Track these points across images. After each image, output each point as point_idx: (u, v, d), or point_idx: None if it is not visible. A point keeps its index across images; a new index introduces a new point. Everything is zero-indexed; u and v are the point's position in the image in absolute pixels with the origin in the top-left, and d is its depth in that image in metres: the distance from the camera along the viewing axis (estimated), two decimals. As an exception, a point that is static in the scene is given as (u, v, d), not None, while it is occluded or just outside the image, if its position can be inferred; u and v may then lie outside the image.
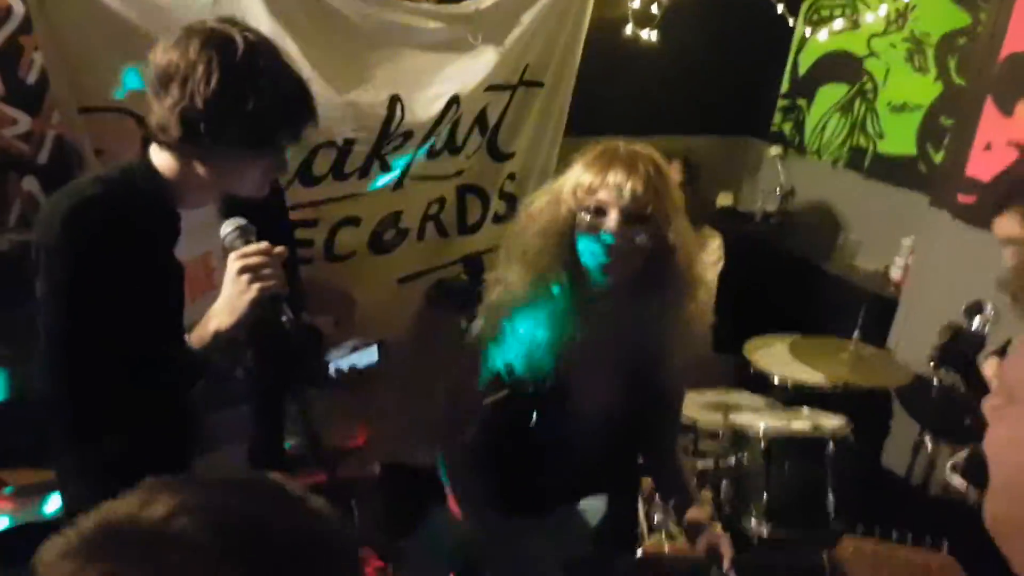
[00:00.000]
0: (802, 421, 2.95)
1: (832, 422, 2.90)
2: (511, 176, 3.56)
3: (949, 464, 2.71)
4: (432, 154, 3.24)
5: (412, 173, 3.21)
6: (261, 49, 1.52)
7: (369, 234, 3.19)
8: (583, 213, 1.66)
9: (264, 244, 1.54)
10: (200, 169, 1.56)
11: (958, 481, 2.65)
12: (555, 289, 1.72)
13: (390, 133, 3.01)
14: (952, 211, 3.54)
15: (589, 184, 1.66)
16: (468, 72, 3.17)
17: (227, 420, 1.80)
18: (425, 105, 3.09)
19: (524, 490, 1.87)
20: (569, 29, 3.44)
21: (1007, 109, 3.30)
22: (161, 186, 1.57)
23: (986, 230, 3.33)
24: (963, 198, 3.49)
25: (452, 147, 3.29)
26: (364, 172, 3.05)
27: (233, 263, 1.52)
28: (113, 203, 1.51)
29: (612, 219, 1.63)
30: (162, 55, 1.49)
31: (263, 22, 2.61)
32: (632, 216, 1.63)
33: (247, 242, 1.56)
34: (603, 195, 1.64)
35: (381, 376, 3.06)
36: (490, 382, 1.81)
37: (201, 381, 1.60)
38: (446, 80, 3.12)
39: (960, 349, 2.16)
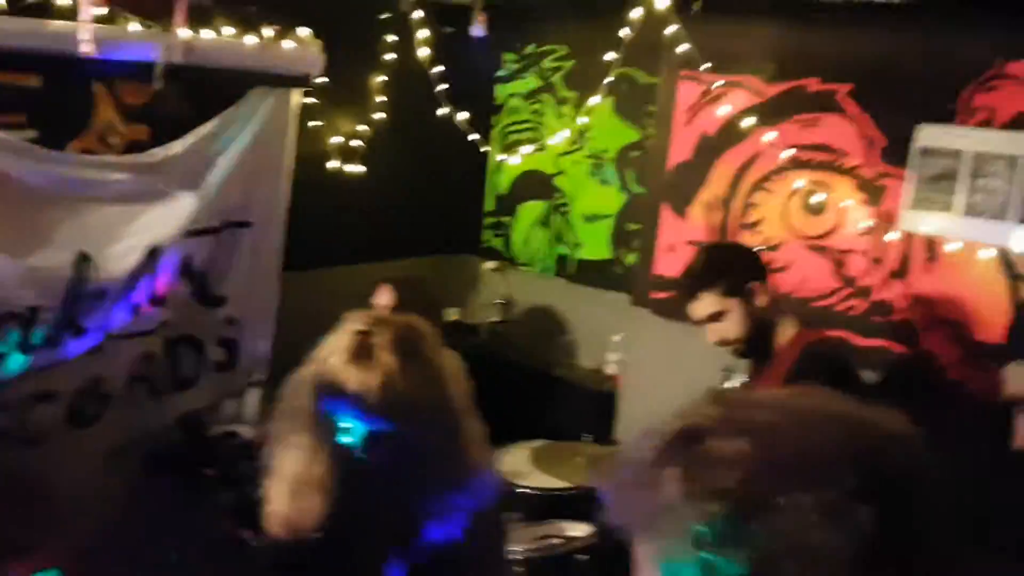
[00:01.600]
0: (551, 535, 2.98)
1: (579, 530, 2.97)
2: (229, 320, 3.39)
3: None
4: (132, 310, 3.00)
5: (112, 332, 2.94)
6: None
7: (66, 408, 2.86)
8: None
9: None
10: None
11: None
12: None
13: (81, 294, 2.76)
14: (650, 307, 3.88)
15: None
16: (165, 220, 3.02)
17: None
18: (118, 259, 2.89)
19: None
20: (271, 168, 3.40)
21: (681, 212, 3.72)
22: None
23: (681, 321, 3.73)
24: (655, 294, 3.84)
25: (155, 299, 3.07)
26: (54, 341, 2.75)
27: None
28: None
29: None
30: None
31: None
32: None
33: None
34: None
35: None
36: None
37: None
38: (140, 231, 2.95)
39: None
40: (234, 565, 2.66)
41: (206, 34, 3.03)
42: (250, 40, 3.16)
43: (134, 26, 2.82)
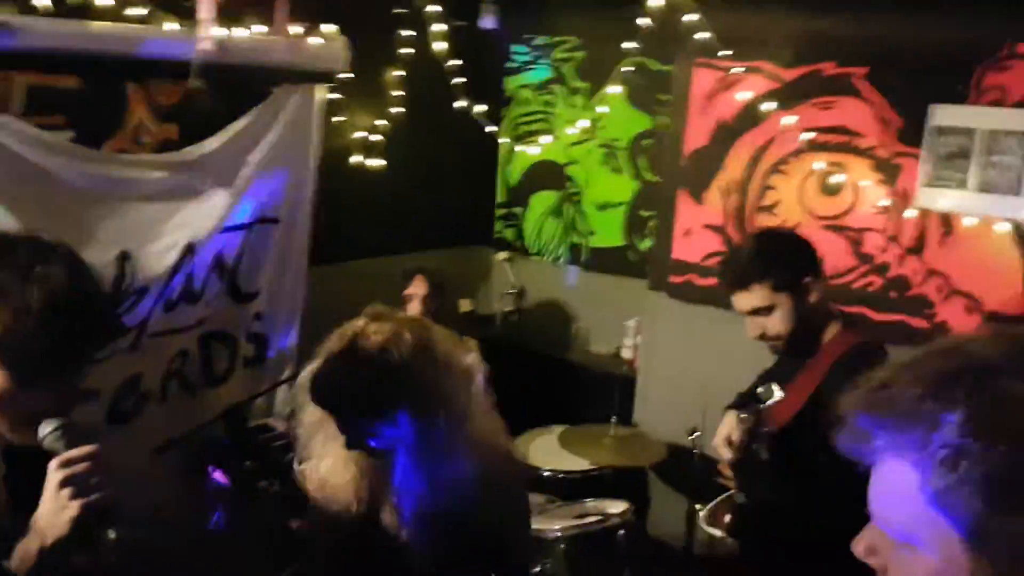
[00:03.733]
0: (589, 513, 3.05)
1: (616, 507, 3.05)
2: (257, 316, 3.43)
3: (701, 515, 2.98)
4: (169, 306, 3.04)
5: (149, 330, 2.98)
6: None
7: (108, 406, 2.89)
8: None
9: (91, 447, 1.33)
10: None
11: (713, 530, 2.92)
12: None
13: (122, 292, 2.79)
14: (668, 292, 3.95)
15: None
16: (200, 217, 3.05)
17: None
18: (158, 257, 2.92)
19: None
20: (298, 164, 3.44)
21: (698, 198, 3.79)
22: None
23: (699, 304, 3.81)
24: (674, 279, 3.92)
25: (191, 296, 3.11)
26: (97, 339, 2.78)
27: (53, 473, 1.30)
28: None
29: None
30: None
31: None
32: None
33: (70, 444, 1.33)
34: None
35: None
36: None
37: None
38: (177, 228, 2.98)
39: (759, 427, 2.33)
40: (286, 552, 2.71)
41: (236, 32, 3.06)
42: (277, 37, 3.20)
43: (169, 25, 2.85)
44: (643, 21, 3.42)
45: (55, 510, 1.29)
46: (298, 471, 1.90)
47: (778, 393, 2.18)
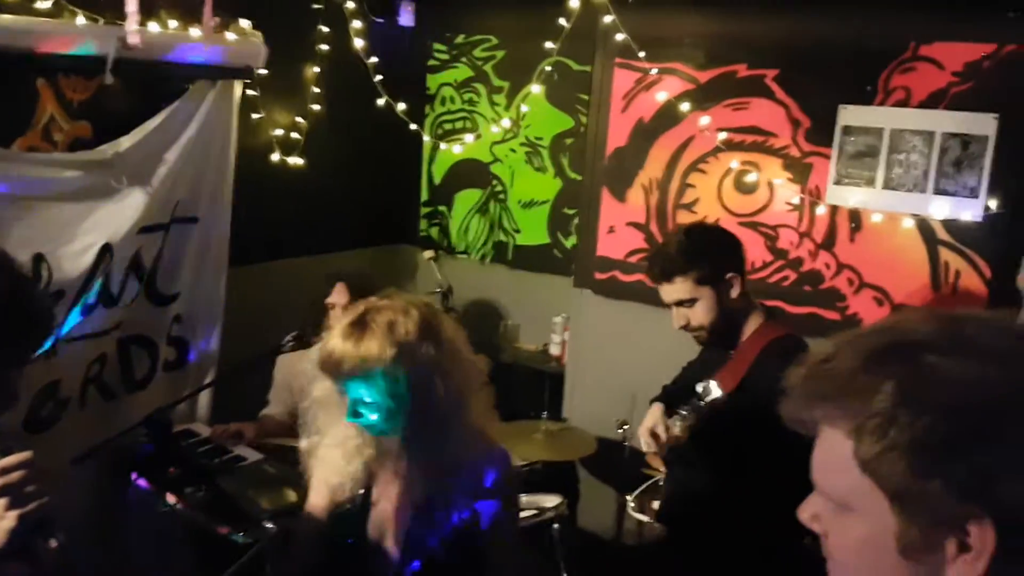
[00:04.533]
0: (524, 508, 3.08)
1: (550, 501, 3.08)
2: (177, 319, 3.34)
3: (630, 501, 3.06)
4: (87, 310, 2.93)
5: (66, 335, 2.87)
6: None
7: (25, 414, 2.77)
8: None
9: (26, 454, 1.27)
10: None
11: (641, 516, 3.00)
12: None
13: (36, 295, 2.68)
14: (593, 288, 4.02)
15: None
16: (116, 217, 2.96)
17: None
18: (73, 259, 2.82)
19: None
20: (216, 161, 3.37)
21: (620, 196, 3.87)
22: None
23: (623, 300, 3.89)
24: (599, 275, 3.99)
25: (107, 299, 3.01)
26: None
27: None
28: None
29: None
30: None
31: None
32: None
33: (4, 452, 1.27)
34: None
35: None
36: None
37: None
38: (93, 229, 2.89)
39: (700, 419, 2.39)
40: (214, 558, 2.66)
41: (151, 27, 2.97)
42: (194, 32, 3.12)
43: (80, 19, 2.76)
44: (561, 22, 3.48)
45: None
46: (302, 447, 1.89)
47: (716, 391, 2.22)
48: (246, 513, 2.63)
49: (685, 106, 3.52)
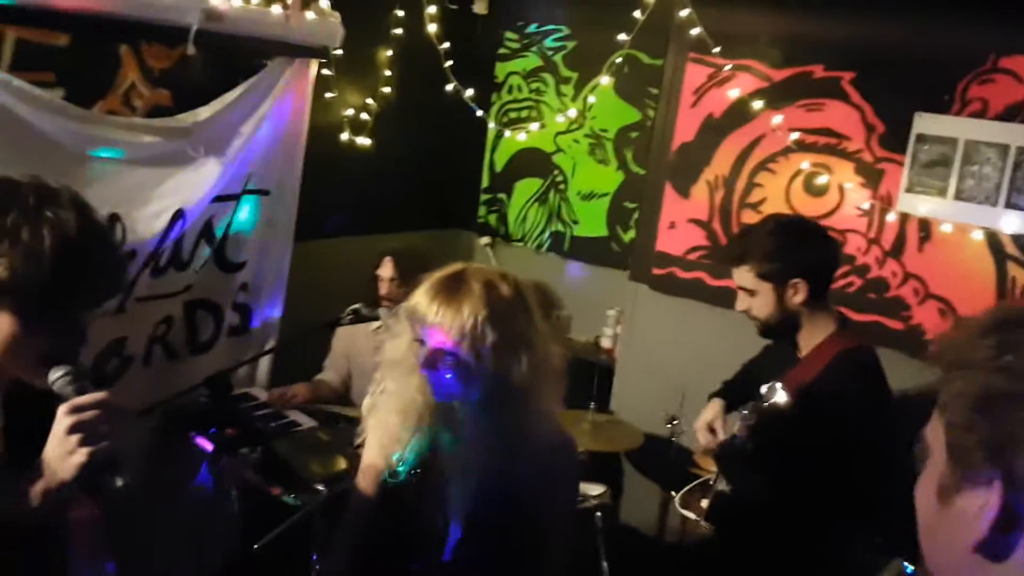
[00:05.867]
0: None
1: (595, 490, 3.09)
2: (243, 286, 3.43)
3: (677, 498, 3.03)
4: (157, 271, 3.02)
5: (136, 294, 2.97)
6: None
7: (90, 367, 2.87)
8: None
9: (101, 394, 1.32)
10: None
11: (688, 513, 2.98)
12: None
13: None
14: (649, 284, 4.01)
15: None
16: (191, 185, 3.04)
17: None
18: (147, 222, 2.91)
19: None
20: (288, 137, 3.44)
21: (684, 192, 3.84)
22: None
23: (680, 297, 3.87)
24: (657, 271, 3.97)
25: (178, 263, 3.10)
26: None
27: (63, 418, 1.29)
28: None
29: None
30: None
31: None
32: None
33: (80, 391, 1.32)
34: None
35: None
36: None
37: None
38: (168, 194, 2.97)
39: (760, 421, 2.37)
40: (264, 517, 2.73)
41: (235, 1, 3.04)
42: (276, 9, 3.19)
43: (167, -12, 2.84)
44: (636, 14, 3.46)
45: (62, 455, 1.28)
46: (364, 405, 1.90)
47: (781, 394, 2.19)
48: (298, 476, 2.69)
49: (757, 104, 3.48)
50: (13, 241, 1.30)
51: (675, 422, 3.21)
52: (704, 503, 2.94)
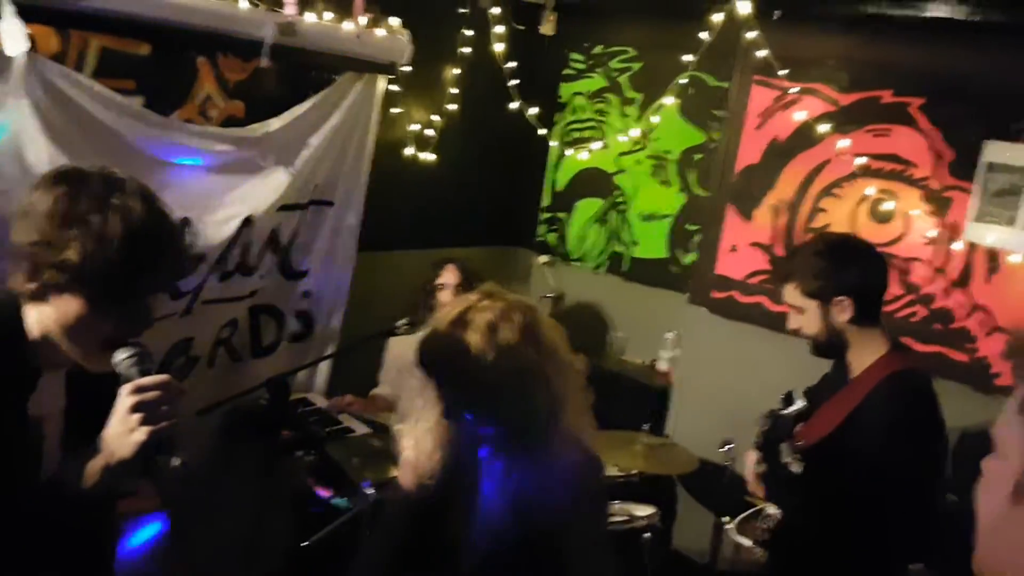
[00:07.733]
0: (615, 515, 3.08)
1: (643, 511, 3.06)
2: (306, 294, 3.51)
3: (731, 524, 2.99)
4: (224, 276, 3.12)
5: (203, 297, 3.06)
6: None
7: (157, 367, 2.96)
8: None
9: (164, 377, 1.38)
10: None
11: (743, 539, 2.93)
12: None
13: (181, 258, 2.87)
14: (708, 307, 3.97)
15: None
16: (260, 193, 3.13)
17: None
18: (216, 227, 3.00)
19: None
20: (355, 150, 3.52)
21: (747, 215, 3.81)
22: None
23: (739, 321, 3.83)
24: (716, 294, 3.94)
25: (245, 268, 3.19)
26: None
27: (125, 397, 1.35)
28: None
29: None
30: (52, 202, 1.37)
31: (40, 146, 2.44)
32: None
33: (143, 372, 1.39)
34: None
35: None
36: None
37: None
38: (237, 201, 3.07)
39: (776, 434, 2.36)
40: (313, 517, 2.78)
41: (308, 17, 3.14)
42: (347, 26, 3.28)
43: (242, 3, 2.94)
44: (702, 36, 3.46)
45: (123, 432, 1.34)
46: (395, 430, 1.93)
47: (799, 402, 2.20)
48: (349, 480, 2.74)
49: (824, 128, 3.45)
50: (83, 227, 1.35)
51: (730, 447, 3.16)
52: (758, 529, 2.89)
